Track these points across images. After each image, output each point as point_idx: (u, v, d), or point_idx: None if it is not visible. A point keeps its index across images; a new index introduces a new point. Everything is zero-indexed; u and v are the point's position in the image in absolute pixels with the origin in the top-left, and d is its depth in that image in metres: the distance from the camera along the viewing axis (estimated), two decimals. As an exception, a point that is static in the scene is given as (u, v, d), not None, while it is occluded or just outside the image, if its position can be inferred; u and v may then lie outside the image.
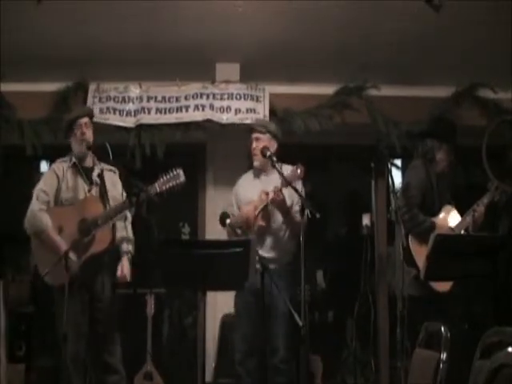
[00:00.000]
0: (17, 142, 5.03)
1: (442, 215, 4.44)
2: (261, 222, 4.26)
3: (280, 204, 4.22)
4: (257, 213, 4.26)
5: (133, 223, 4.36)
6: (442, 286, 4.14)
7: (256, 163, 4.46)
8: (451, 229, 4.39)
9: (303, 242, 3.77)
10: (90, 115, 4.36)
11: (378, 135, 5.21)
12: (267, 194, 4.22)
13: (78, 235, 3.99)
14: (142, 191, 3.95)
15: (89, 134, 4.22)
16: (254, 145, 4.44)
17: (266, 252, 4.28)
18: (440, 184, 4.51)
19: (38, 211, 4.10)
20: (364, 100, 5.24)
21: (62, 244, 3.98)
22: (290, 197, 4.27)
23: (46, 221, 4.08)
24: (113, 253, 4.20)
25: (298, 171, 4.14)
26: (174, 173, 4.06)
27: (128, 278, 4.24)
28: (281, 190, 4.14)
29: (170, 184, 4.04)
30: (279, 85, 5.24)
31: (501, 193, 4.48)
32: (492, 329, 3.29)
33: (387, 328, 5.45)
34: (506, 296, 5.26)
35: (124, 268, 4.24)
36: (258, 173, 4.50)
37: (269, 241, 4.34)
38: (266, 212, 4.27)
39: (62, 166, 4.24)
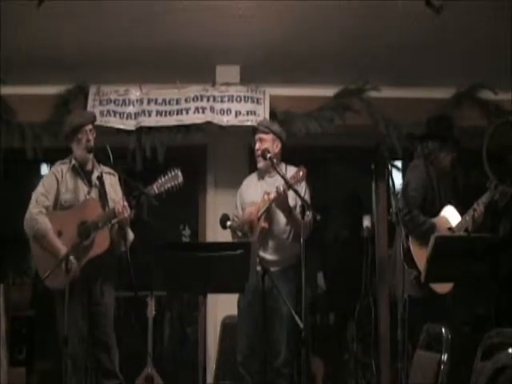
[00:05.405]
0: (17, 145, 5.03)
1: (442, 215, 4.41)
2: (263, 224, 4.24)
3: (282, 204, 4.18)
4: (259, 214, 4.25)
5: (133, 226, 4.35)
6: (443, 288, 4.13)
7: (260, 164, 4.43)
8: (451, 229, 4.38)
9: (303, 243, 3.77)
10: (94, 121, 4.33)
11: (379, 137, 5.21)
12: (269, 194, 4.21)
13: (78, 238, 3.96)
14: (142, 194, 3.94)
15: (92, 140, 4.20)
16: (258, 146, 4.41)
17: (268, 254, 4.26)
18: (441, 184, 4.50)
19: (37, 214, 4.07)
20: (364, 102, 5.24)
21: (62, 247, 3.96)
22: (294, 198, 4.22)
23: (46, 224, 4.05)
24: (112, 256, 4.17)
25: (300, 173, 4.13)
26: (172, 173, 4.05)
27: (126, 211, 3.95)
28: (284, 191, 4.11)
29: (168, 185, 4.03)
30: (279, 87, 5.24)
31: (501, 193, 4.47)
32: (493, 330, 3.30)
33: (388, 330, 5.45)
34: (507, 297, 5.26)
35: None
36: (263, 174, 4.47)
37: (272, 243, 4.30)
38: (268, 213, 4.25)
39: (61, 168, 4.22)
